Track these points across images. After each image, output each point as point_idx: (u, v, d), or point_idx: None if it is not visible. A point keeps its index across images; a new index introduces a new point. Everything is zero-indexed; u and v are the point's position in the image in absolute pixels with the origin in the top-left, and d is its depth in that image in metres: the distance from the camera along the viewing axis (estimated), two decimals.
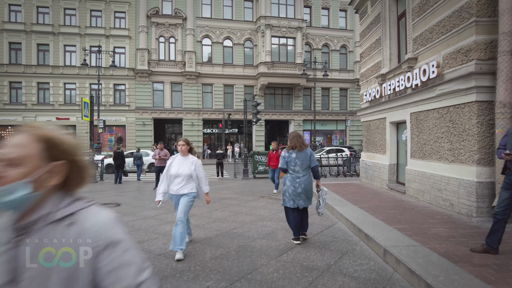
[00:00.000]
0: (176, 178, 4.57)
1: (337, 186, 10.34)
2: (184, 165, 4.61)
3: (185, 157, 4.71)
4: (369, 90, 10.08)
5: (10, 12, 27.31)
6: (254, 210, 7.44)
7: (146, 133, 28.51)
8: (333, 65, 32.36)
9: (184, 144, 4.75)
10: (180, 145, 4.75)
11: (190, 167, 4.60)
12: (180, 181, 4.58)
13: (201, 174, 4.71)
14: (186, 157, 4.71)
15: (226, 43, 30.23)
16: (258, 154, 15.08)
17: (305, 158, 4.87)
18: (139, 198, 9.41)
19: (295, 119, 31.11)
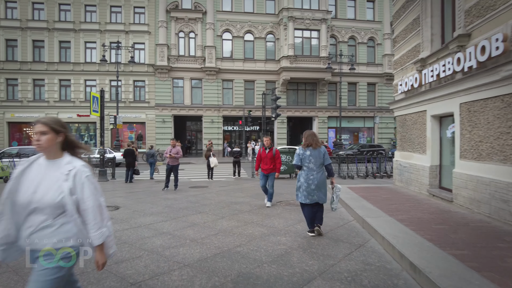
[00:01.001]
0: (29, 212, 1.97)
1: (366, 190, 8.98)
2: (47, 181, 1.99)
3: (54, 162, 2.06)
4: (405, 79, 8.64)
5: (33, 10, 27.50)
6: (267, 219, 6.28)
7: (166, 130, 27.96)
8: (360, 59, 30.52)
9: (43, 128, 2.01)
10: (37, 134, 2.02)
11: (59, 187, 1.99)
12: (35, 220, 1.96)
13: (88, 203, 2.03)
14: (55, 162, 2.06)
15: (247, 37, 29.14)
16: None
17: (319, 156, 5.07)
18: (142, 200, 8.50)
19: (319, 116, 29.58)
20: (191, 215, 6.68)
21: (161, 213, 6.90)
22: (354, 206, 6.64)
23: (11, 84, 27.28)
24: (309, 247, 4.57)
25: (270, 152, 7.48)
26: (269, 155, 7.47)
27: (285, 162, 13.65)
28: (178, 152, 10.60)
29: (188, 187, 11.14)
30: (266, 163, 7.46)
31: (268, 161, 7.44)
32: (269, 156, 7.47)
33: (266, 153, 7.51)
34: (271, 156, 7.45)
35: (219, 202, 8.13)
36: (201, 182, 12.67)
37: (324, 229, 5.50)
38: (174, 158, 10.58)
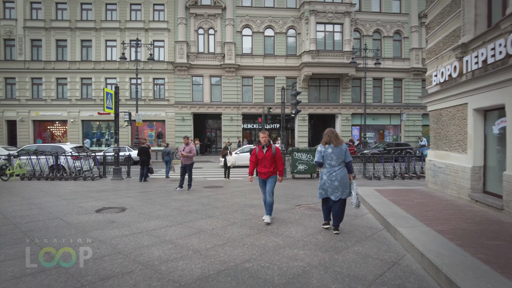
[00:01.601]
0: None
1: (396, 193, 8.07)
2: None
3: None
4: (441, 69, 7.65)
5: (57, 10, 27.90)
6: (283, 226, 5.55)
7: (186, 128, 27.69)
8: (385, 53, 29.09)
9: None
10: None
11: None
12: None
13: None
14: None
15: (268, 32, 28.39)
16: (298, 151, 13.10)
17: (341, 153, 5.12)
18: (151, 201, 7.97)
19: (343, 113, 28.42)
20: (199, 219, 6.05)
21: (168, 216, 6.32)
22: (384, 213, 5.80)
23: (36, 83, 27.82)
24: (332, 264, 3.81)
25: (269, 152, 5.76)
26: (268, 155, 5.76)
27: (306, 161, 12.85)
28: (191, 151, 10.03)
29: (202, 187, 10.57)
30: (264, 166, 5.77)
31: (268, 162, 5.74)
32: (268, 156, 5.75)
33: (264, 152, 5.77)
34: (270, 156, 5.75)
35: (232, 204, 7.48)
36: (217, 182, 12.09)
37: (350, 240, 4.73)
38: (187, 157, 10.05)
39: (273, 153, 5.78)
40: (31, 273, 3.60)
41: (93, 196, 8.72)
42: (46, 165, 13.45)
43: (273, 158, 5.78)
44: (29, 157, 13.49)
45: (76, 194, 9.18)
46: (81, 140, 27.58)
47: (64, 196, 8.73)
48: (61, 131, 28.36)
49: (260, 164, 5.84)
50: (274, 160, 5.79)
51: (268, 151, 5.78)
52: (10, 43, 27.79)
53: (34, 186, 10.86)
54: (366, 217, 6.24)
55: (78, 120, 27.62)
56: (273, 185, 5.83)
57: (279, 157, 5.81)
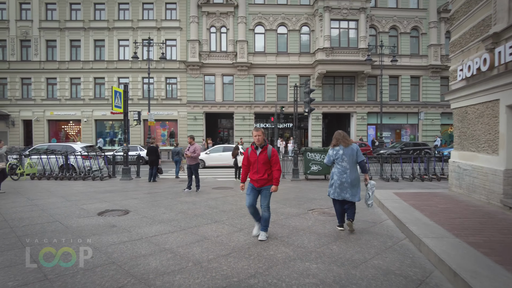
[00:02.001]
0: None
1: (417, 197, 7.48)
2: None
3: None
4: (468, 62, 7.02)
5: (71, 11, 28.09)
6: (295, 234, 5.09)
7: (198, 128, 27.48)
8: (402, 50, 28.14)
9: None
10: None
11: None
12: None
13: None
14: None
15: (280, 30, 27.87)
16: (311, 151, 12.57)
17: (352, 153, 5.10)
18: (157, 203, 7.63)
19: (358, 112, 27.65)
20: (204, 224, 5.65)
21: (172, 220, 5.94)
22: (405, 220, 5.26)
23: (50, 83, 28.10)
24: (349, 282, 3.33)
25: (264, 154, 4.70)
26: (262, 158, 4.70)
27: (320, 162, 12.32)
28: (195, 151, 9.68)
29: (211, 188, 10.20)
30: (257, 171, 4.72)
31: (261, 167, 4.70)
32: (261, 159, 4.70)
33: (257, 155, 4.74)
34: (264, 160, 4.70)
35: (240, 208, 7.05)
36: (227, 183, 11.70)
37: (369, 251, 4.23)
38: (191, 157, 9.70)
39: (268, 156, 4.69)
40: (13, 286, 3.25)
41: (99, 198, 8.44)
42: (56, 164, 13.35)
43: (267, 162, 4.72)
44: (40, 157, 13.41)
45: (82, 195, 8.94)
46: (94, 139, 27.71)
47: (69, 197, 8.49)
48: (75, 130, 28.58)
49: (252, 169, 4.82)
50: (269, 164, 4.74)
51: (262, 153, 4.71)
52: (26, 44, 28.16)
53: (42, 186, 10.71)
54: (386, 224, 5.71)
55: (91, 120, 27.75)
56: (268, 198, 4.80)
57: (275, 161, 4.73)
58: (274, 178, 4.73)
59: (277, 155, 4.83)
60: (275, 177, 4.73)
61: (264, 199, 4.80)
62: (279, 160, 4.83)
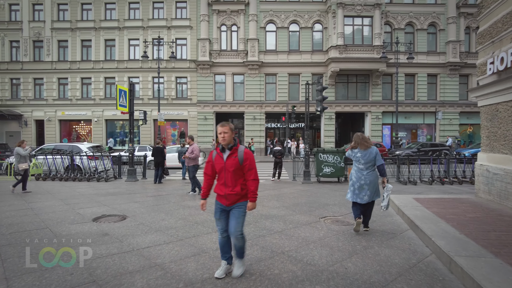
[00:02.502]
0: None
1: (440, 204, 6.80)
2: None
3: None
4: (500, 54, 6.30)
5: (82, 11, 28.12)
6: (304, 247, 4.52)
7: (208, 127, 27.11)
8: (419, 47, 27.12)
9: None
10: None
11: None
12: None
13: None
14: None
15: (292, 27, 27.23)
16: (323, 152, 11.93)
17: (370, 157, 5.09)
18: (158, 208, 7.17)
19: (373, 111, 26.77)
20: (204, 234, 5.13)
21: (170, 228, 5.46)
22: (430, 232, 4.63)
23: (62, 83, 28.20)
24: None
25: (233, 158, 3.39)
26: (231, 163, 3.39)
27: (333, 163, 11.68)
28: (192, 151, 9.20)
29: None
30: (225, 183, 3.44)
31: (230, 176, 3.40)
32: (230, 165, 3.39)
33: (224, 160, 3.42)
34: (235, 166, 3.38)
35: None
36: None
37: (390, 271, 3.63)
38: (189, 158, 9.23)
39: (240, 160, 3.35)
40: None
41: (99, 201, 8.05)
42: (61, 165, 13.09)
43: (239, 170, 3.37)
44: (45, 157, 13.18)
45: (83, 197, 8.56)
46: (104, 139, 27.65)
47: (68, 200, 8.12)
48: (86, 130, 28.60)
49: (218, 180, 3.51)
50: (242, 172, 3.41)
51: (231, 157, 3.37)
52: (38, 44, 28.33)
53: (44, 187, 10.42)
54: (407, 235, 5.09)
55: (102, 120, 27.71)
56: (242, 221, 3.44)
57: (249, 166, 3.38)
58: (250, 192, 3.37)
59: (252, 158, 3.42)
60: (251, 189, 3.37)
61: (236, 223, 3.38)
62: (255, 165, 3.44)
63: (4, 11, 28.32)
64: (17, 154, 9.60)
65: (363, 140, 5.13)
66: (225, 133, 3.33)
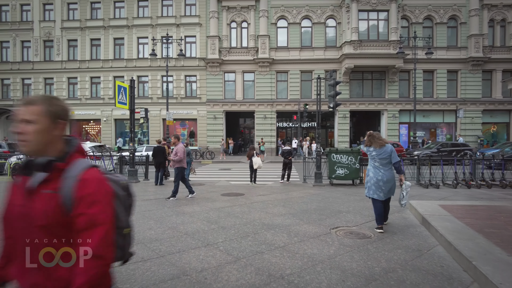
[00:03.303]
0: None
1: (473, 212, 5.82)
2: None
3: None
4: None
5: (91, 10, 27.90)
6: (310, 270, 3.67)
7: (217, 127, 26.45)
8: (438, 42, 25.77)
9: None
10: None
11: None
12: None
13: None
14: None
15: (305, 23, 26.29)
16: (336, 152, 11.01)
17: (385, 155, 5.10)
18: (151, 214, 6.45)
19: (389, 110, 25.55)
20: (192, 249, 4.34)
21: (154, 241, 4.70)
22: (469, 252, 3.71)
23: (72, 82, 28.09)
24: None
25: (48, 196, 1.22)
26: (41, 207, 1.20)
27: (347, 164, 10.76)
28: (176, 153, 8.37)
29: (219, 194, 8.93)
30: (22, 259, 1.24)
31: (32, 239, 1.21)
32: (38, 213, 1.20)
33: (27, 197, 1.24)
34: (50, 217, 1.19)
35: (246, 223, 5.70)
36: (240, 188, 10.37)
37: None
38: (173, 161, 8.42)
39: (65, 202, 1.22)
40: None
41: None
42: None
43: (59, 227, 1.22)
44: None
45: None
46: (114, 139, 27.34)
47: None
48: (96, 130, 28.37)
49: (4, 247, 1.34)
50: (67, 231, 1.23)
51: (44, 191, 1.23)
52: (49, 44, 28.28)
53: None
54: (436, 253, 4.18)
55: (111, 119, 27.41)
56: None
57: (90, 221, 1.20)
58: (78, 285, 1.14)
59: (104, 198, 1.28)
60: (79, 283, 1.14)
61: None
62: (107, 216, 1.26)
63: (16, 12, 28.38)
64: None
65: (378, 139, 5.18)
66: (26, 123, 1.28)
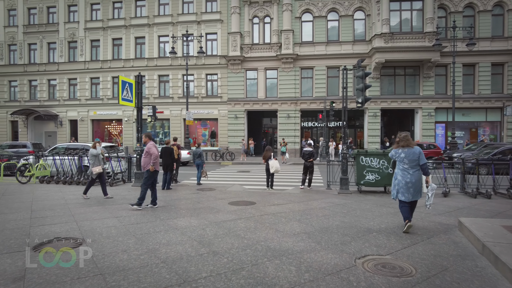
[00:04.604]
0: None
1: None
2: None
3: None
4: None
5: (114, 9, 27.77)
6: None
7: (239, 127, 25.42)
8: (481, 32, 23.31)
9: None
10: None
11: None
12: None
13: None
14: None
15: (331, 16, 24.70)
16: (366, 155, 9.53)
17: (414, 156, 5.14)
18: (137, 228, 5.41)
19: (424, 108, 23.42)
20: None
21: (120, 271, 3.58)
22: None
23: (94, 83, 28.07)
24: None
25: None
26: None
27: (378, 169, 9.26)
28: (147, 152, 7.13)
29: (227, 203, 7.73)
30: None
31: None
32: None
33: None
34: None
35: (246, 247, 4.44)
36: (253, 194, 9.14)
37: None
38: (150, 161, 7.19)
39: None
40: None
41: (73, 214, 6.45)
42: (69, 167, 11.90)
43: None
44: (53, 158, 12.11)
45: (59, 209, 7.03)
46: (135, 139, 26.95)
47: (38, 212, 6.61)
48: (118, 130, 28.19)
49: None
50: None
51: None
52: (73, 45, 28.46)
53: (37, 192, 9.14)
54: None
55: (132, 119, 27.07)
56: None
57: None
58: None
59: None
60: None
61: None
62: None
63: (43, 14, 28.80)
64: (92, 156, 8.42)
65: (405, 140, 5.24)
66: None
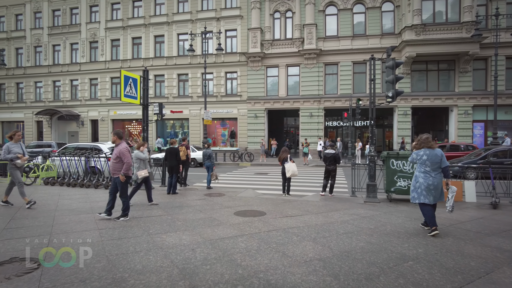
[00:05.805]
0: None
1: None
2: None
3: None
4: None
5: (133, 8, 27.55)
6: None
7: (259, 126, 24.43)
8: None
9: None
10: None
11: None
12: None
13: None
14: None
15: (357, 8, 23.23)
16: (397, 158, 8.21)
17: (436, 159, 5.09)
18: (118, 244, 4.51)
19: (460, 105, 21.46)
20: None
21: None
22: None
23: (114, 82, 27.92)
24: None
25: None
26: None
27: (411, 174, 7.90)
28: (117, 156, 5.95)
29: (232, 213, 6.68)
30: None
31: None
32: None
33: None
34: None
35: (238, 280, 3.37)
36: (265, 202, 8.01)
37: None
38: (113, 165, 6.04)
39: None
40: None
41: (57, 224, 5.65)
42: (76, 168, 11.30)
43: None
44: (60, 158, 11.56)
45: (47, 214, 6.28)
46: (154, 139, 26.59)
47: (21, 221, 5.87)
48: (138, 129, 27.91)
49: None
50: None
51: None
52: (94, 45, 28.51)
53: (35, 195, 8.47)
54: None
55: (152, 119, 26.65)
56: None
57: None
58: None
59: None
60: None
61: None
62: None
63: (66, 16, 29.07)
64: (137, 159, 7.59)
65: (427, 141, 5.19)
66: None
